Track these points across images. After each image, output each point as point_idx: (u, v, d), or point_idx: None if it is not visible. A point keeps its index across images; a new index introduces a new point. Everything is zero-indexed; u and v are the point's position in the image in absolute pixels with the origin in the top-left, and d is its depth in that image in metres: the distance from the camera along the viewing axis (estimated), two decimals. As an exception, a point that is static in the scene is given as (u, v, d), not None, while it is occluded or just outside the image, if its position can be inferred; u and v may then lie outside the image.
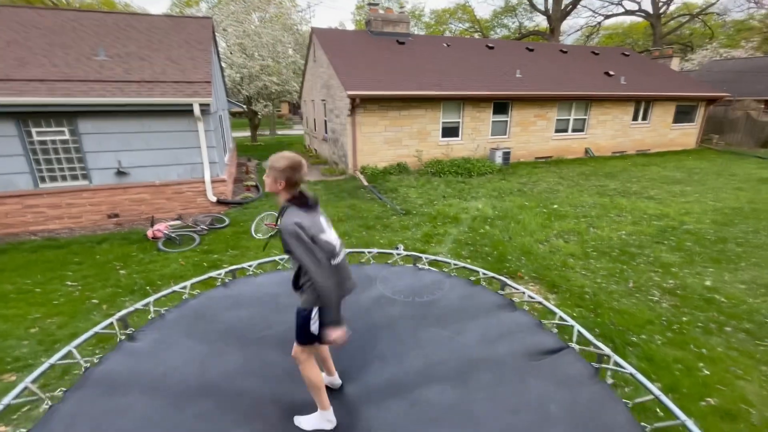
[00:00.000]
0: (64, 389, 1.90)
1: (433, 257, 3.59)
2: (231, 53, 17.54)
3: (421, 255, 3.56)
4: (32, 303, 4.37)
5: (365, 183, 9.87)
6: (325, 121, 13.36)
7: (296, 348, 2.03)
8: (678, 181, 10.07)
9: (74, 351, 2.12)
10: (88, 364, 2.03)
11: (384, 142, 10.99)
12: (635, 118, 14.62)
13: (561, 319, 2.49)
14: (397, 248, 5.37)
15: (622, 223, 6.75)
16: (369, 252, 3.68)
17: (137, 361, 2.07)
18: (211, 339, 2.32)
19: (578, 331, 2.33)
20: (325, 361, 2.30)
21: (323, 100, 13.27)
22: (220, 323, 2.48)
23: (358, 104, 10.11)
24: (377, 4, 14.12)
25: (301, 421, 2.05)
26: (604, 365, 2.03)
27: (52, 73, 6.88)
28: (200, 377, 1.99)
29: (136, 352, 2.16)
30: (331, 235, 2.00)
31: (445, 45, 14.29)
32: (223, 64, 16.16)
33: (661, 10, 26.56)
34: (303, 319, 1.95)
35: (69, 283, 4.87)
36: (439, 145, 11.66)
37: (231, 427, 1.76)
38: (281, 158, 1.89)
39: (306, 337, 1.97)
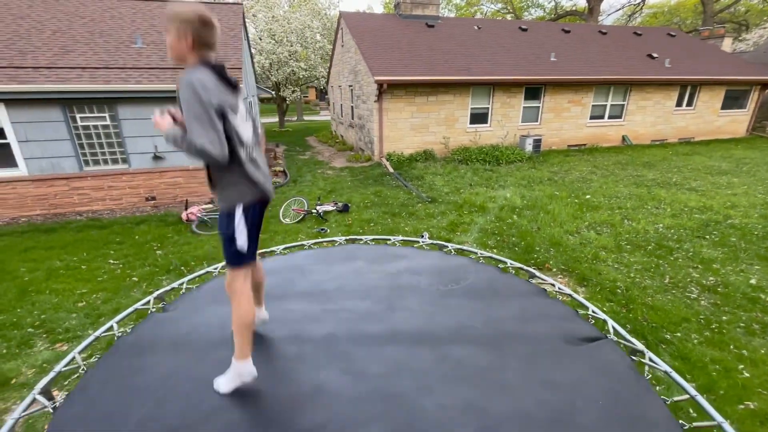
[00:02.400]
0: (98, 356, 2.06)
1: (458, 246, 3.55)
2: (260, 39, 17.70)
3: (446, 243, 3.54)
4: (79, 279, 4.68)
5: (391, 170, 9.84)
6: (352, 107, 13.33)
7: (230, 273, 1.71)
8: (724, 171, 9.43)
9: (115, 326, 2.26)
10: (121, 334, 2.18)
11: (410, 129, 10.86)
12: (679, 104, 13.72)
13: (592, 312, 2.42)
14: (422, 236, 5.36)
15: (660, 215, 6.43)
16: (394, 239, 3.69)
17: (165, 327, 2.22)
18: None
19: (611, 326, 2.26)
20: (259, 287, 2.00)
21: (350, 86, 13.22)
22: None
23: (385, 90, 10.00)
24: (406, -14, 13.76)
25: (219, 384, 1.73)
26: (637, 359, 1.97)
27: (93, 61, 7.19)
28: (222, 331, 2.10)
29: (165, 320, 2.31)
30: (243, 123, 1.61)
31: (475, 27, 13.82)
32: (253, 50, 16.35)
33: (714, -14, 24.50)
34: (226, 228, 1.62)
35: (111, 261, 5.18)
36: (466, 132, 11.41)
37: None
38: (187, 6, 1.48)
39: (236, 256, 1.66)
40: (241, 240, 1.64)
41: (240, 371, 1.71)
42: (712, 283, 4.29)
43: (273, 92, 18.90)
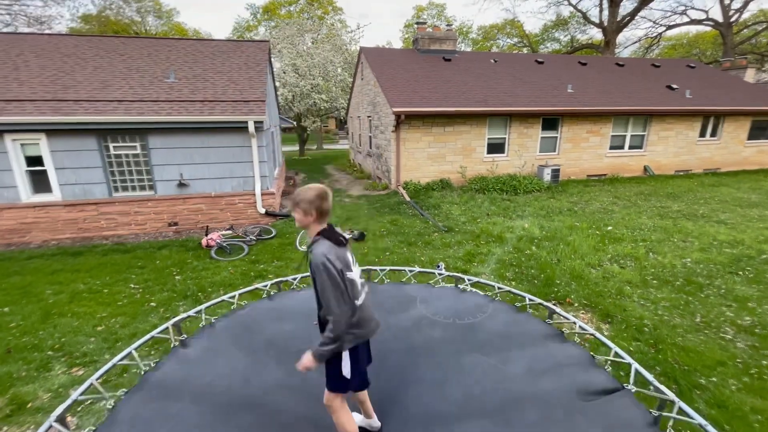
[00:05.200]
0: (125, 390, 2.05)
1: (476, 279, 3.48)
2: (284, 73, 18.58)
3: (463, 276, 3.47)
4: (100, 302, 4.79)
5: (407, 198, 9.88)
6: (370, 136, 13.64)
7: (328, 395, 1.91)
8: (755, 203, 9.07)
9: (134, 353, 2.28)
10: (147, 368, 2.17)
11: (427, 158, 10.98)
12: (702, 135, 13.46)
13: (616, 354, 2.30)
14: (438, 267, 5.29)
15: (688, 249, 6.17)
16: (410, 270, 3.65)
17: (188, 369, 2.19)
18: (256, 350, 2.40)
19: (636, 370, 2.13)
20: (362, 403, 2.17)
21: (369, 117, 13.59)
22: (264, 335, 2.57)
23: (403, 120, 10.23)
24: (425, 23, 14.35)
25: None
26: (666, 413, 1.82)
27: (129, 95, 7.67)
28: (243, 389, 2.06)
29: (188, 360, 2.29)
30: (356, 274, 1.93)
31: (492, 61, 14.15)
32: (277, 83, 17.14)
33: (733, 19, 24.49)
34: (333, 363, 1.85)
35: (132, 285, 5.29)
36: (483, 162, 11.45)
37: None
38: (308, 189, 1.85)
39: (337, 382, 1.87)
40: (346, 371, 1.85)
41: None
42: (748, 324, 4.03)
43: (294, 122, 19.59)
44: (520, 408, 1.94)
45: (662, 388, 1.97)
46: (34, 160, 7.09)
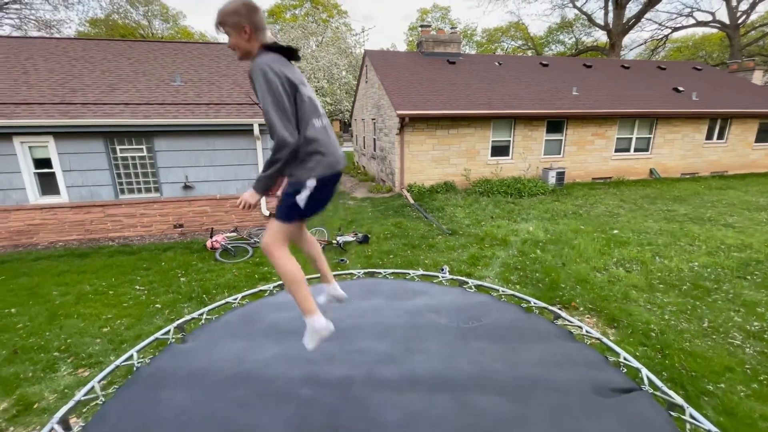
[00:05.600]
0: (116, 387, 2.07)
1: (479, 282, 3.46)
2: (289, 76, 18.69)
3: (467, 279, 3.46)
4: (106, 304, 4.82)
5: (411, 201, 9.88)
6: (374, 139, 13.66)
7: (271, 229, 1.66)
8: (763, 207, 8.96)
9: (135, 355, 2.29)
10: (140, 365, 2.19)
11: (431, 161, 10.98)
12: (709, 137, 13.35)
13: (624, 360, 2.27)
14: (442, 270, 5.27)
15: (695, 253, 6.11)
16: (413, 273, 3.64)
17: (181, 358, 2.22)
18: (253, 335, 2.44)
19: (644, 375, 2.10)
20: (318, 261, 2.01)
21: (373, 119, 13.61)
22: (263, 323, 2.59)
23: (407, 123, 10.24)
24: (429, 26, 14.39)
25: (306, 343, 1.76)
26: (676, 415, 1.80)
27: (135, 98, 7.75)
28: (238, 366, 2.07)
29: (182, 351, 2.31)
30: (310, 91, 1.67)
31: (496, 63, 14.14)
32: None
33: (740, 21, 24.33)
34: (293, 187, 1.62)
35: (137, 287, 5.32)
36: (487, 164, 11.42)
37: (264, 412, 1.78)
38: (232, 3, 1.54)
39: (289, 211, 1.64)
40: (302, 198, 1.61)
41: (314, 327, 1.71)
42: (757, 329, 3.97)
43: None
44: (536, 391, 1.93)
45: (671, 392, 1.94)
46: (43, 163, 7.18)
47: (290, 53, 1.65)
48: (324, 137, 1.65)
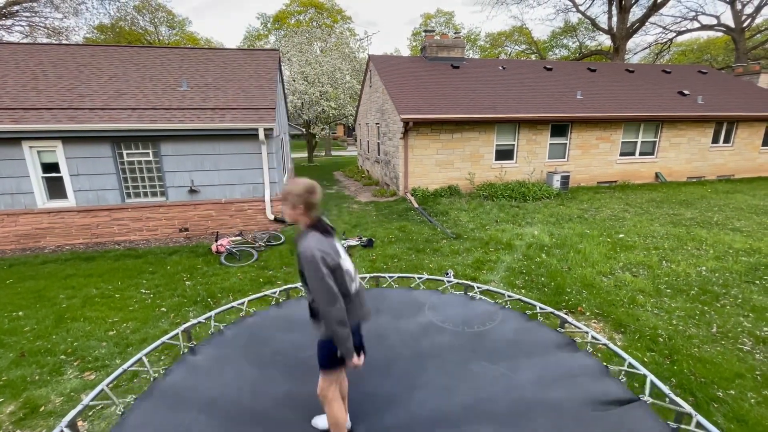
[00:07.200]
0: (134, 396, 2.06)
1: (485, 287, 3.45)
2: (294, 80, 18.81)
3: (472, 284, 3.44)
4: (112, 307, 4.84)
5: (415, 205, 9.87)
6: (378, 143, 13.69)
7: (322, 380, 1.96)
8: (771, 211, 8.87)
9: (144, 359, 2.30)
10: (156, 375, 2.18)
11: (435, 165, 10.98)
12: (715, 141, 13.26)
13: (630, 365, 2.24)
14: (446, 274, 5.25)
15: (702, 257, 6.05)
16: (419, 278, 3.63)
17: (197, 377, 2.19)
18: (264, 361, 2.40)
19: (651, 382, 2.08)
20: (342, 398, 2.20)
21: (377, 124, 13.65)
22: (273, 346, 2.57)
23: (411, 127, 10.26)
24: (433, 31, 14.44)
25: (317, 423, 2.05)
26: (684, 426, 1.77)
27: (142, 103, 7.83)
28: (252, 401, 2.05)
29: (197, 368, 2.29)
30: (347, 262, 1.98)
31: (500, 68, 14.16)
32: (287, 91, 17.35)
33: (745, 24, 24.21)
34: (325, 346, 1.92)
35: (143, 290, 5.35)
36: (492, 168, 11.40)
37: None
38: (296, 183, 1.89)
39: (331, 361, 1.92)
40: (335, 349, 1.88)
41: None
42: (767, 335, 3.92)
43: (303, 129, 19.78)
44: (531, 415, 1.91)
45: (678, 400, 1.92)
46: (50, 167, 7.26)
47: (329, 232, 1.97)
48: (356, 302, 1.96)
